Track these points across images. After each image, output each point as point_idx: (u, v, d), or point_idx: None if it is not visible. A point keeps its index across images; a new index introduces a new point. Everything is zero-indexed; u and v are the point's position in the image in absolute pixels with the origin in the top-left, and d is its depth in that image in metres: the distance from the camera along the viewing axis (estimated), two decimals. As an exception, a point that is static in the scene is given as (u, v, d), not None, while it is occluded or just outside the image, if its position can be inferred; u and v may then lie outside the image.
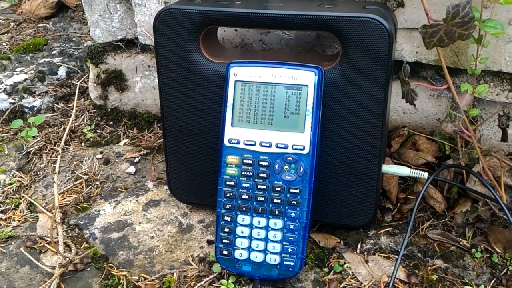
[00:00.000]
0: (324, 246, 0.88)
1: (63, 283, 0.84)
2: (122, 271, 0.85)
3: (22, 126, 1.26)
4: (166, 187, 1.04)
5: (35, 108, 1.32)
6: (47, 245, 0.92)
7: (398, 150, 1.00)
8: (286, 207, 0.77)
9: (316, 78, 0.76)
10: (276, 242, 0.78)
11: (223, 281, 0.81)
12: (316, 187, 0.78)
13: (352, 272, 0.83)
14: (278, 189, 0.77)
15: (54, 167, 1.10)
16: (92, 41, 1.21)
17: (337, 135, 0.82)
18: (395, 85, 0.95)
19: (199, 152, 0.90)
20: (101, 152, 1.17)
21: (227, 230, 0.80)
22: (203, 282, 0.82)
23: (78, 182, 1.08)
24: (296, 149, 0.77)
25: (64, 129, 1.24)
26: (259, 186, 0.78)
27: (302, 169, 0.77)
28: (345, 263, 0.84)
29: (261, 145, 0.78)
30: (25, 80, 1.37)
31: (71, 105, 1.35)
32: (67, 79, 1.42)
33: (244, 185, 0.79)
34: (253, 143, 0.78)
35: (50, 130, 1.25)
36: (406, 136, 1.02)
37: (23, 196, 1.04)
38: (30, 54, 1.51)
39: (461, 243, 0.87)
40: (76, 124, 1.28)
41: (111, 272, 0.85)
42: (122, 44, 1.19)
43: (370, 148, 0.82)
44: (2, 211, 1.01)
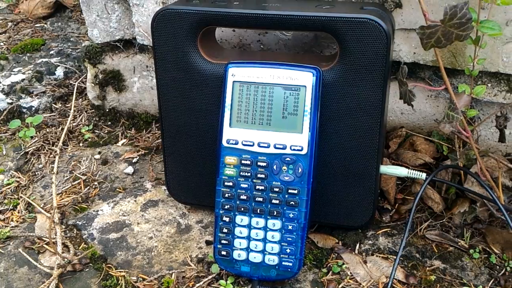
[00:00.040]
0: (323, 247, 0.88)
1: (62, 283, 0.84)
2: (120, 271, 0.85)
3: (20, 126, 1.25)
4: (164, 187, 1.04)
5: (33, 108, 1.32)
6: (45, 245, 0.92)
7: (396, 150, 1.00)
8: (285, 208, 0.78)
9: (314, 79, 0.76)
10: (275, 242, 0.78)
11: (222, 281, 0.81)
12: (314, 187, 0.78)
13: (351, 273, 0.83)
14: (277, 189, 0.78)
15: (52, 167, 1.10)
16: (90, 41, 1.21)
17: (335, 136, 0.82)
18: (393, 85, 0.95)
19: (197, 152, 0.90)
20: (99, 153, 1.17)
21: (225, 230, 0.80)
22: (201, 283, 0.82)
23: (76, 182, 1.08)
24: (294, 149, 0.77)
25: (62, 129, 1.24)
26: (257, 187, 0.78)
27: (300, 169, 0.77)
28: (343, 264, 0.84)
29: (259, 145, 0.78)
30: (23, 80, 1.37)
31: (69, 105, 1.35)
32: (65, 79, 1.42)
33: (243, 185, 0.79)
34: (251, 143, 0.78)
35: (48, 130, 1.25)
36: (404, 137, 1.02)
37: (21, 197, 1.04)
38: (28, 54, 1.51)
39: (459, 243, 0.87)
40: (74, 124, 1.28)
41: (110, 272, 0.85)
42: (120, 44, 1.19)
43: (368, 148, 0.82)
44: (0, 212, 1.01)
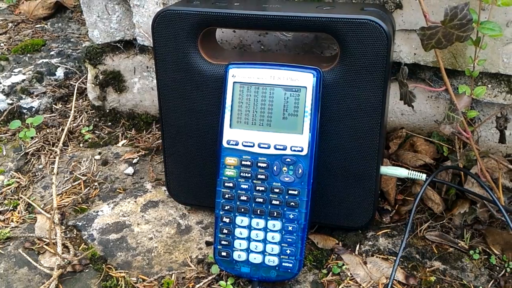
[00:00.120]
0: (323, 248, 0.88)
1: (62, 284, 0.84)
2: (120, 272, 0.85)
3: (20, 127, 1.25)
4: (164, 188, 1.04)
5: (33, 109, 1.32)
6: (45, 246, 0.92)
7: (396, 151, 1.00)
8: (285, 209, 0.78)
9: (314, 80, 0.76)
10: (275, 243, 0.78)
11: (222, 282, 0.81)
12: (314, 188, 0.78)
13: (351, 274, 0.83)
14: (277, 190, 0.78)
15: (52, 168, 1.10)
16: (91, 42, 1.21)
17: (335, 137, 0.82)
18: (393, 86, 0.95)
19: (197, 153, 0.90)
20: (99, 153, 1.17)
21: (225, 231, 0.80)
22: (201, 284, 0.82)
23: (77, 183, 1.08)
24: (294, 150, 0.77)
25: (62, 130, 1.24)
26: (257, 188, 0.78)
27: (300, 170, 0.77)
28: (343, 265, 0.84)
29: (259, 146, 0.78)
30: (23, 80, 1.37)
31: (69, 106, 1.35)
32: (65, 79, 1.42)
33: (243, 186, 0.79)
34: (251, 144, 0.78)
35: (48, 131, 1.25)
36: (404, 138, 1.02)
37: (21, 197, 1.04)
38: (28, 55, 1.51)
39: (459, 244, 0.87)
40: (74, 125, 1.28)
41: (110, 273, 0.85)
42: (121, 45, 1.19)
43: (368, 149, 0.82)
44: (0, 212, 1.01)
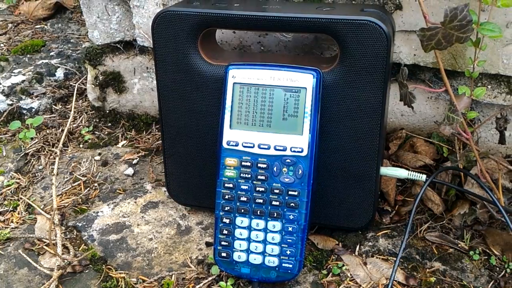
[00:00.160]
0: (323, 248, 0.88)
1: (62, 285, 0.84)
2: (120, 273, 0.85)
3: (20, 127, 1.25)
4: (164, 189, 1.04)
5: (33, 110, 1.32)
6: (45, 247, 0.92)
7: (396, 152, 1.00)
8: (285, 209, 0.78)
9: (314, 81, 0.77)
10: (275, 244, 0.78)
11: (222, 283, 0.81)
12: (314, 189, 0.79)
13: (351, 274, 0.83)
14: (277, 191, 0.78)
15: (52, 168, 1.10)
16: (90, 42, 1.21)
17: (335, 138, 0.82)
18: (393, 87, 0.95)
19: (197, 154, 0.90)
20: (99, 154, 1.17)
21: (225, 232, 0.80)
22: (201, 284, 0.82)
23: (76, 183, 1.08)
24: (294, 151, 0.77)
25: (62, 130, 1.24)
26: (257, 188, 0.78)
27: (300, 171, 0.77)
28: (343, 265, 0.84)
29: (259, 147, 0.78)
30: (23, 81, 1.37)
31: (69, 106, 1.35)
32: (65, 80, 1.42)
33: (243, 187, 0.79)
34: (251, 145, 0.78)
35: (48, 131, 1.25)
36: (404, 139, 1.02)
37: (21, 198, 1.04)
38: (28, 56, 1.51)
39: (459, 245, 0.87)
40: (74, 125, 1.28)
41: (110, 274, 0.85)
42: (120, 46, 1.19)
43: (368, 150, 0.82)
44: (0, 213, 1.01)
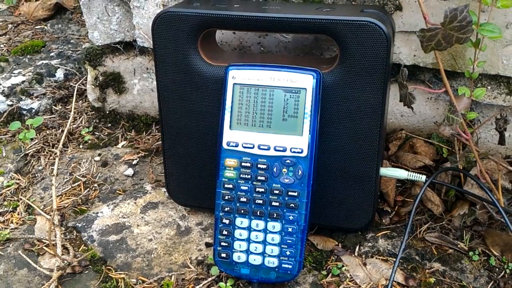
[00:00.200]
0: (322, 249, 0.88)
1: (61, 285, 0.84)
2: (120, 273, 0.85)
3: (20, 128, 1.25)
4: (164, 189, 1.04)
5: (33, 110, 1.32)
6: (45, 247, 0.92)
7: (396, 153, 1.00)
8: (284, 210, 0.78)
9: (314, 81, 0.77)
10: (275, 245, 0.78)
11: (221, 284, 0.81)
12: (314, 190, 0.79)
13: (350, 275, 0.83)
14: (277, 192, 0.78)
15: (52, 169, 1.10)
16: (90, 43, 1.21)
17: (335, 138, 0.82)
18: (393, 88, 0.95)
19: (197, 154, 0.90)
20: (99, 154, 1.17)
21: (225, 232, 0.80)
22: (201, 285, 0.82)
23: (76, 184, 1.08)
24: (294, 152, 0.77)
25: (62, 131, 1.24)
26: (257, 189, 0.78)
27: (300, 172, 0.77)
28: (343, 266, 0.84)
29: (259, 148, 0.78)
30: (23, 82, 1.37)
31: (69, 107, 1.35)
32: (65, 81, 1.42)
33: (243, 188, 0.79)
34: (251, 146, 0.78)
35: (48, 132, 1.25)
36: (404, 139, 1.02)
37: (21, 199, 1.04)
38: (28, 56, 1.51)
39: (458, 246, 0.87)
40: (74, 126, 1.28)
41: (109, 274, 0.85)
42: (120, 47, 1.19)
43: (368, 151, 0.82)
44: (0, 214, 1.01)
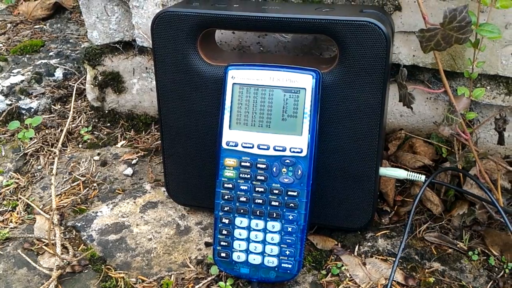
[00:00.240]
0: (322, 249, 0.88)
1: (61, 285, 0.84)
2: (120, 273, 0.85)
3: (19, 127, 1.25)
4: (163, 189, 1.04)
5: (32, 110, 1.32)
6: (44, 247, 0.92)
7: (395, 153, 1.00)
8: (284, 210, 0.78)
9: (313, 81, 0.77)
10: (274, 244, 0.78)
11: (221, 283, 0.81)
12: (313, 189, 0.79)
13: (350, 275, 0.83)
14: (276, 191, 0.78)
15: (51, 168, 1.10)
16: (90, 42, 1.21)
17: (334, 138, 0.82)
18: (392, 88, 0.95)
19: (196, 154, 0.90)
20: (98, 154, 1.17)
21: (225, 232, 0.80)
22: (201, 285, 0.82)
23: (76, 183, 1.08)
24: (294, 151, 0.77)
25: (61, 130, 1.24)
26: (257, 189, 0.78)
27: (300, 171, 0.77)
28: (342, 266, 0.84)
29: (259, 147, 0.78)
30: (22, 81, 1.37)
31: (68, 106, 1.35)
32: (64, 80, 1.42)
33: (242, 187, 0.79)
34: (251, 145, 0.79)
35: (47, 131, 1.25)
36: (403, 139, 1.02)
37: (20, 198, 1.04)
38: (27, 56, 1.51)
39: (458, 245, 0.87)
40: (73, 125, 1.28)
41: (109, 274, 0.85)
42: (120, 46, 1.19)
43: (368, 150, 0.82)
44: (-1, 213, 1.01)
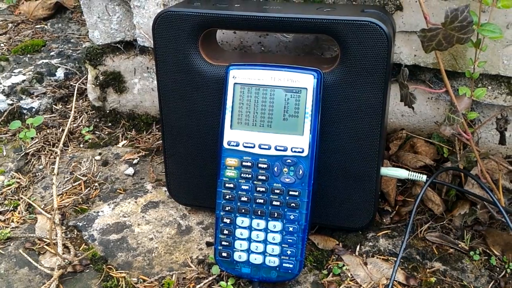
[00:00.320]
0: (323, 248, 0.88)
1: (62, 284, 0.84)
2: (121, 272, 0.85)
3: (20, 127, 1.26)
4: (165, 188, 1.04)
5: (34, 109, 1.32)
6: (46, 246, 0.92)
7: (397, 152, 1.00)
8: (285, 209, 0.78)
9: (315, 81, 0.77)
10: (275, 244, 0.78)
11: (222, 283, 0.81)
12: (315, 189, 0.79)
13: (351, 274, 0.83)
14: (277, 191, 0.78)
15: (53, 168, 1.11)
16: (91, 42, 1.21)
17: (336, 138, 0.82)
18: (393, 88, 0.95)
19: (198, 154, 0.90)
20: (99, 154, 1.17)
21: (226, 232, 0.80)
22: (202, 284, 0.82)
23: (77, 183, 1.08)
24: (295, 151, 0.77)
25: (63, 130, 1.24)
26: (258, 188, 0.78)
27: (301, 171, 0.77)
28: (344, 265, 0.84)
29: (260, 147, 0.78)
30: (23, 81, 1.37)
31: (69, 106, 1.35)
32: (65, 80, 1.42)
33: (243, 187, 0.79)
34: (252, 145, 0.79)
35: (48, 131, 1.25)
36: (405, 139, 1.02)
37: (21, 198, 1.04)
38: (28, 55, 1.51)
39: (459, 245, 0.87)
40: (75, 125, 1.28)
41: (110, 273, 0.85)
42: (121, 46, 1.19)
43: (369, 150, 0.82)
44: (0, 213, 1.01)
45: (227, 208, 0.80)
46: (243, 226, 0.79)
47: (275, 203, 0.78)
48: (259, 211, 0.78)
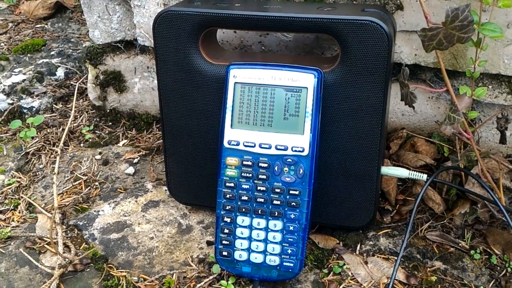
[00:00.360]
0: (324, 247, 0.88)
1: (63, 283, 0.84)
2: (121, 271, 0.86)
3: (20, 126, 1.26)
4: (165, 188, 1.04)
5: (34, 109, 1.32)
6: (46, 245, 0.92)
7: (397, 152, 1.00)
8: (286, 209, 0.78)
9: (315, 80, 0.77)
10: (276, 243, 0.78)
11: (223, 282, 0.81)
12: (315, 188, 0.79)
13: (352, 273, 0.83)
14: (278, 190, 0.78)
15: (53, 167, 1.11)
16: (91, 42, 1.21)
17: (336, 137, 0.82)
18: (394, 87, 0.95)
19: (198, 153, 0.90)
20: (100, 153, 1.17)
21: (226, 231, 0.80)
22: (202, 283, 0.82)
23: (77, 182, 1.08)
24: (295, 150, 0.77)
25: (63, 129, 1.25)
26: (258, 188, 0.78)
27: (301, 170, 0.77)
28: (344, 264, 0.84)
29: (260, 146, 0.78)
30: (23, 80, 1.37)
31: (69, 105, 1.35)
32: (65, 79, 1.42)
33: (244, 186, 0.79)
34: (252, 144, 0.79)
35: (49, 130, 1.25)
36: (405, 138, 1.02)
37: (22, 197, 1.04)
38: (29, 55, 1.51)
39: (460, 244, 0.87)
40: (75, 124, 1.28)
41: (111, 272, 0.85)
42: (121, 45, 1.19)
43: (369, 150, 0.82)
44: (1, 212, 1.01)
45: (227, 207, 0.80)
46: (243, 225, 0.79)
47: (275, 202, 0.78)
48: (260, 210, 0.78)
